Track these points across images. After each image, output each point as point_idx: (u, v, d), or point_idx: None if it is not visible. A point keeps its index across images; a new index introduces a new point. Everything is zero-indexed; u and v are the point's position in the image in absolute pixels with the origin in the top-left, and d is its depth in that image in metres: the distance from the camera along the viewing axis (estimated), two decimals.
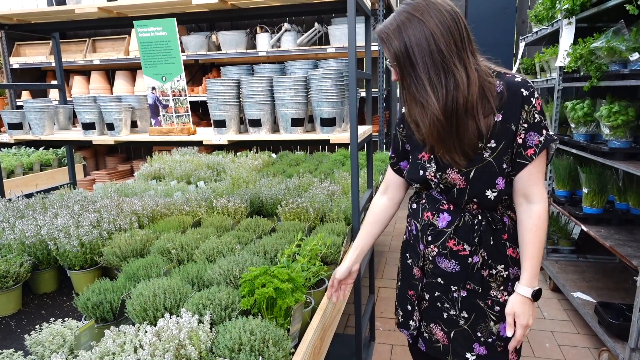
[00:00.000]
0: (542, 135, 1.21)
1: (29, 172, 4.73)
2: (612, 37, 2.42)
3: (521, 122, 1.20)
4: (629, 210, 2.77)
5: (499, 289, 1.32)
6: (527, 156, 1.21)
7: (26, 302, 1.91)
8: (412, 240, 1.44)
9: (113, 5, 2.16)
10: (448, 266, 1.33)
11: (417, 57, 1.15)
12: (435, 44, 1.14)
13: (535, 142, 1.21)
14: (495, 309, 1.32)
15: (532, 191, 1.24)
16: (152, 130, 2.21)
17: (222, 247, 1.84)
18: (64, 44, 6.12)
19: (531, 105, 1.20)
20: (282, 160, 4.18)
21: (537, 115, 1.21)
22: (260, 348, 1.19)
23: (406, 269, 1.49)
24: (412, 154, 1.40)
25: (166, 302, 1.42)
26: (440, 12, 1.15)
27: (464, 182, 1.26)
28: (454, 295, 1.34)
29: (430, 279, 1.39)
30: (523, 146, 1.21)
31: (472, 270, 1.31)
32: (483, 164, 1.23)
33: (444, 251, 1.32)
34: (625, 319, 2.30)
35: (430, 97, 1.16)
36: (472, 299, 1.33)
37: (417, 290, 1.43)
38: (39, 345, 1.32)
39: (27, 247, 1.98)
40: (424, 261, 1.39)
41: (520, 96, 1.20)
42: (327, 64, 2.25)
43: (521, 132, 1.21)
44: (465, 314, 1.34)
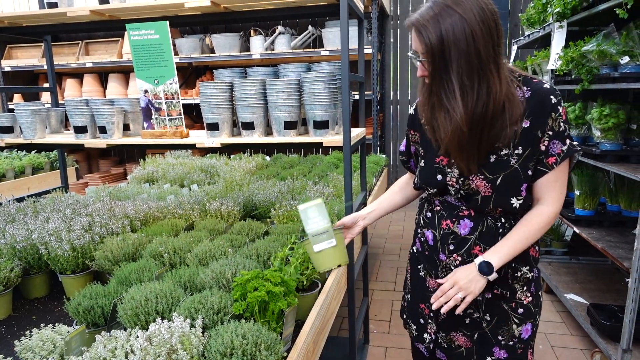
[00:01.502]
0: (565, 144, 1.17)
1: (21, 175, 4.69)
2: (602, 40, 2.44)
3: (547, 129, 1.15)
4: (621, 212, 2.79)
5: (523, 290, 1.29)
6: (547, 164, 1.18)
7: (17, 307, 1.89)
8: (428, 251, 1.37)
9: (105, 8, 2.15)
10: None
11: (452, 56, 1.06)
12: (474, 45, 1.05)
13: (557, 151, 1.17)
14: (519, 311, 1.29)
15: (547, 196, 1.21)
16: (144, 133, 2.20)
17: (214, 250, 1.83)
18: (57, 46, 6.09)
19: (558, 113, 1.16)
20: (276, 163, 4.18)
21: (563, 123, 1.16)
22: (252, 352, 1.18)
23: (418, 281, 1.42)
24: (426, 157, 1.32)
25: (158, 307, 1.41)
26: (483, 9, 1.06)
27: (490, 190, 1.20)
28: (478, 299, 1.29)
29: None
30: (545, 154, 1.17)
31: (499, 274, 1.25)
32: (510, 171, 1.18)
33: (469, 259, 1.26)
34: (617, 320, 2.31)
35: (457, 104, 1.09)
36: (496, 301, 1.29)
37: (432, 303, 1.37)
38: (29, 351, 1.30)
39: (18, 251, 1.97)
40: (445, 272, 1.32)
41: (549, 103, 1.15)
42: (320, 67, 2.26)
43: (545, 140, 1.16)
44: (488, 316, 1.30)
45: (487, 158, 1.18)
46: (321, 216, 1.30)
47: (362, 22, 2.29)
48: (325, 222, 1.31)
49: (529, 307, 1.29)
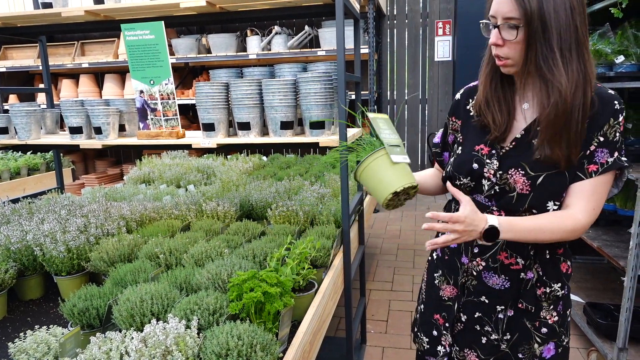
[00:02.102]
0: (613, 156, 1.08)
1: (16, 176, 4.67)
2: (598, 40, 2.45)
3: (599, 133, 1.07)
4: (616, 211, 2.79)
5: (549, 309, 1.20)
6: (586, 170, 1.09)
7: (11, 309, 1.88)
8: (449, 255, 1.29)
9: (100, 9, 2.15)
10: (497, 282, 1.19)
11: (552, 24, 1.00)
12: (572, 18, 1.00)
13: (602, 161, 1.08)
14: (542, 330, 1.20)
15: (580, 205, 1.09)
16: (140, 133, 2.19)
17: (211, 251, 1.83)
18: (53, 47, 6.06)
19: (617, 121, 1.08)
20: (273, 163, 4.18)
21: (618, 134, 1.08)
22: (248, 353, 1.18)
23: (433, 290, 1.35)
24: (465, 145, 1.23)
25: (153, 308, 1.41)
26: None
27: (529, 188, 1.11)
28: (498, 316, 1.21)
29: (471, 298, 1.24)
30: (588, 159, 1.09)
31: (525, 287, 1.17)
32: (555, 172, 1.09)
33: (494, 265, 1.18)
34: (614, 319, 2.32)
35: (561, 75, 1.01)
36: (519, 319, 1.20)
37: (449, 312, 1.29)
38: (23, 353, 1.29)
39: (13, 253, 1.96)
40: (467, 277, 1.24)
41: (612, 108, 1.08)
42: (316, 67, 2.25)
43: (593, 144, 1.08)
44: (508, 335, 1.21)
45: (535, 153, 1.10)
46: (390, 129, 1.16)
47: (359, 22, 2.28)
48: (395, 135, 1.17)
49: (553, 327, 1.20)
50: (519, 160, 1.13)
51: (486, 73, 1.18)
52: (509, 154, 1.15)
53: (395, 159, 1.12)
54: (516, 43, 1.06)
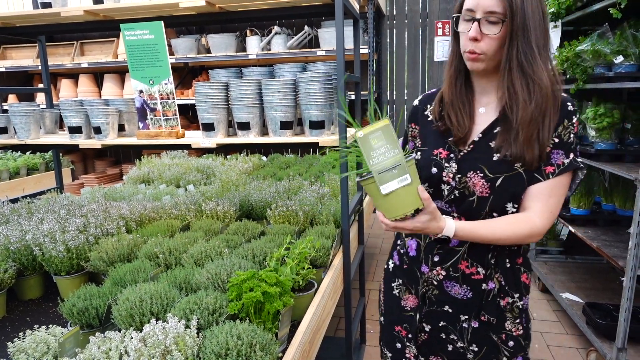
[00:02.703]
0: (569, 157, 1.09)
1: (16, 176, 4.66)
2: (597, 40, 2.45)
3: (555, 134, 1.08)
4: (615, 211, 2.80)
5: (514, 322, 1.18)
6: (544, 172, 1.09)
7: (11, 309, 1.88)
8: (408, 263, 1.26)
9: (99, 8, 2.15)
10: (459, 292, 1.17)
11: (531, 22, 1.02)
12: (544, 20, 1.04)
13: (558, 162, 1.09)
14: (509, 344, 1.18)
15: (535, 206, 1.10)
16: (139, 133, 2.19)
17: (210, 251, 1.83)
18: (52, 47, 6.06)
19: (571, 123, 1.09)
20: (273, 163, 4.18)
21: (573, 135, 1.09)
22: (247, 353, 1.18)
23: (392, 301, 1.31)
24: (424, 150, 1.22)
25: (153, 308, 1.40)
26: None
27: (488, 190, 1.10)
28: (463, 325, 1.19)
29: (434, 307, 1.22)
30: (545, 161, 1.09)
31: (487, 297, 1.16)
32: (513, 174, 1.09)
33: (455, 274, 1.16)
34: (613, 319, 2.32)
35: (542, 71, 1.03)
36: (484, 332, 1.18)
37: (411, 323, 1.26)
38: (22, 352, 1.29)
39: (12, 252, 1.95)
40: (427, 286, 1.21)
41: (566, 109, 1.09)
42: (315, 67, 2.25)
43: (550, 145, 1.09)
44: (475, 347, 1.19)
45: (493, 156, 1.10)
46: (389, 143, 0.96)
47: (358, 22, 2.29)
48: (394, 151, 0.97)
49: (519, 341, 1.20)
50: (477, 163, 1.12)
51: (451, 73, 1.18)
52: (467, 157, 1.14)
53: (386, 189, 0.97)
54: (494, 38, 1.05)
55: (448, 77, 1.19)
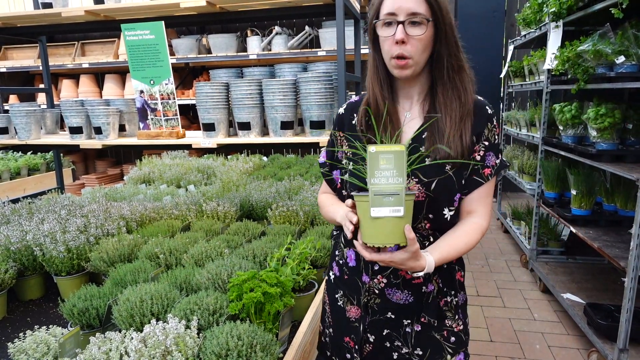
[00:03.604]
0: (499, 158, 1.15)
1: (17, 176, 4.67)
2: (598, 40, 2.44)
3: (482, 138, 1.12)
4: (617, 211, 2.79)
5: (454, 318, 1.20)
6: (483, 175, 1.13)
7: (11, 309, 1.88)
8: (348, 274, 1.24)
9: (100, 9, 2.15)
10: (400, 298, 1.17)
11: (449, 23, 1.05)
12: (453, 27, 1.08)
13: (492, 163, 1.13)
14: (451, 339, 1.19)
15: (479, 209, 1.15)
16: (140, 133, 2.19)
17: (211, 251, 1.83)
18: (53, 47, 6.06)
19: (493, 125, 1.13)
20: (273, 163, 4.18)
21: (497, 137, 1.14)
22: (248, 353, 1.17)
23: (338, 312, 1.28)
24: (355, 160, 1.17)
25: (153, 308, 1.40)
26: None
27: (424, 194, 1.10)
28: (406, 330, 1.19)
29: (377, 317, 1.20)
30: (480, 164, 1.13)
31: (427, 300, 1.16)
32: (444, 177, 1.10)
33: (396, 281, 1.15)
34: (614, 319, 2.32)
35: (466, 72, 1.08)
36: (427, 332, 1.18)
37: (356, 334, 1.23)
38: (22, 353, 1.29)
39: (13, 253, 1.95)
40: (369, 295, 1.19)
41: (485, 113, 1.13)
42: (316, 67, 2.25)
43: (481, 149, 1.12)
44: (419, 350, 1.19)
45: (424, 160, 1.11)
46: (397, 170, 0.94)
47: (359, 22, 2.28)
48: (399, 179, 0.95)
49: (460, 336, 1.20)
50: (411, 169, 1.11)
51: (374, 80, 1.15)
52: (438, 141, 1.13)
53: (375, 212, 0.94)
54: (420, 39, 1.04)
55: (371, 83, 1.17)
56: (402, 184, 0.94)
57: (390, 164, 0.94)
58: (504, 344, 2.65)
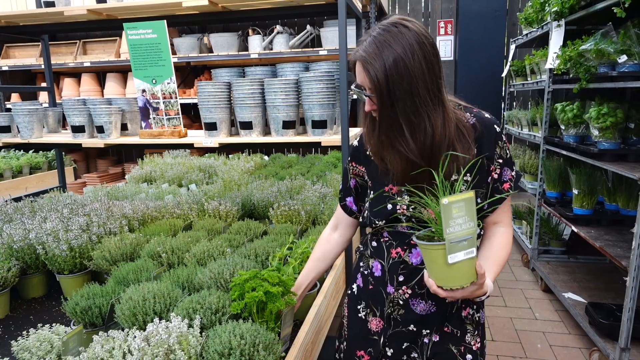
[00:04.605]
0: (514, 170, 1.21)
1: (19, 175, 4.68)
2: (600, 39, 2.44)
3: (496, 157, 1.17)
4: (619, 211, 2.79)
5: (474, 334, 1.21)
6: (504, 190, 1.19)
7: (14, 308, 1.88)
8: (373, 284, 1.25)
9: (102, 7, 2.15)
10: (424, 308, 1.18)
11: (397, 94, 1.04)
12: (417, 82, 1.03)
13: (509, 177, 1.20)
14: (467, 357, 1.20)
15: (504, 219, 1.23)
16: (142, 133, 2.19)
17: (213, 250, 1.83)
18: (54, 46, 6.07)
19: (503, 141, 1.18)
20: (275, 163, 4.18)
21: (508, 151, 1.20)
22: (251, 352, 1.18)
23: (357, 324, 1.29)
24: (375, 188, 1.24)
25: (156, 307, 1.41)
26: (422, 44, 1.04)
27: None
28: (424, 340, 1.20)
29: (399, 328, 1.21)
30: (499, 181, 1.19)
31: (451, 310, 1.19)
32: None
33: (420, 291, 1.17)
34: (616, 319, 2.32)
35: (408, 142, 1.07)
36: (444, 345, 1.19)
37: (375, 347, 1.25)
38: (26, 351, 1.30)
39: (15, 251, 1.96)
40: (393, 307, 1.21)
41: (494, 132, 1.17)
42: (318, 67, 2.25)
43: (497, 168, 1.18)
44: None
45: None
46: (468, 216, 0.99)
47: (361, 21, 2.29)
48: (471, 224, 1.00)
49: (477, 354, 1.21)
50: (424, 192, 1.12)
51: (367, 124, 1.19)
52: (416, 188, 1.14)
53: (452, 259, 0.99)
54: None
55: (365, 128, 1.21)
56: (474, 228, 0.99)
57: (462, 211, 0.99)
58: (506, 344, 2.65)
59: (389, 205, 1.19)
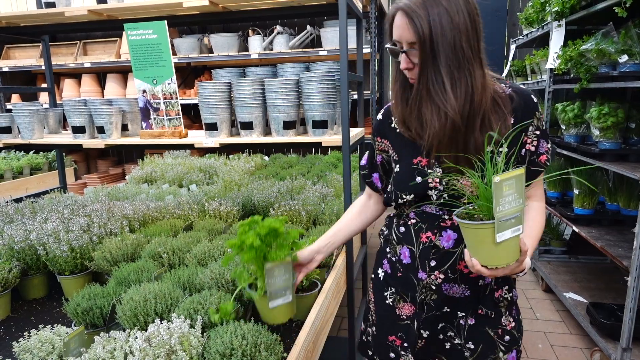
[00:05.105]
0: (549, 142, 1.18)
1: (19, 176, 4.68)
2: (601, 39, 2.44)
3: (533, 128, 1.14)
4: (620, 211, 2.79)
5: (507, 315, 1.20)
6: (541, 163, 1.15)
7: (15, 309, 1.88)
8: (402, 272, 1.23)
9: (103, 8, 2.15)
10: (457, 291, 1.17)
11: (440, 46, 1.02)
12: (460, 36, 1.02)
13: (545, 149, 1.16)
14: (505, 338, 1.19)
15: (537, 192, 1.21)
16: (143, 133, 2.19)
17: (214, 250, 1.83)
18: (55, 46, 6.07)
19: (540, 113, 1.15)
20: (275, 163, 4.18)
21: (543, 123, 1.17)
22: (252, 353, 1.18)
23: (385, 310, 1.28)
24: (401, 162, 1.21)
25: (157, 307, 1.41)
26: (467, 2, 1.04)
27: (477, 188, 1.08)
28: (460, 322, 1.20)
29: (432, 313, 1.20)
30: (536, 153, 1.15)
31: (485, 292, 1.17)
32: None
33: (453, 275, 1.15)
34: (617, 319, 2.32)
35: (449, 98, 1.04)
36: (480, 328, 1.18)
37: (408, 332, 1.24)
38: (27, 352, 1.30)
39: (16, 252, 1.96)
40: (425, 292, 1.19)
41: (532, 102, 1.14)
42: (318, 67, 2.25)
43: (533, 140, 1.14)
44: (471, 344, 1.19)
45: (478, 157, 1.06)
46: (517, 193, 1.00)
47: (361, 21, 2.29)
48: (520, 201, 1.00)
49: (513, 334, 1.21)
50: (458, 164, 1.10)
51: (396, 90, 1.17)
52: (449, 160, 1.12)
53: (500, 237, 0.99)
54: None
55: (394, 94, 1.19)
56: (522, 205, 0.98)
57: (512, 189, 0.97)
58: None
59: (418, 178, 1.16)
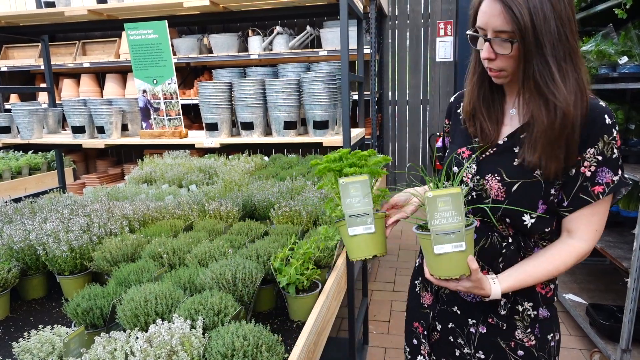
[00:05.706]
0: (617, 175, 1.03)
1: (18, 176, 4.66)
2: (601, 41, 2.45)
3: (596, 152, 1.02)
4: (619, 212, 2.79)
5: (526, 331, 1.14)
6: (592, 193, 1.03)
7: (14, 309, 1.88)
8: None
9: (103, 8, 2.14)
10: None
11: (545, 36, 0.95)
12: (562, 26, 0.96)
13: (606, 181, 1.03)
14: (519, 353, 1.14)
15: (581, 230, 1.07)
16: (143, 133, 2.19)
17: (214, 251, 1.83)
18: (54, 46, 6.06)
19: (611, 137, 1.02)
20: (275, 164, 4.17)
21: (617, 150, 1.03)
22: (254, 353, 1.17)
23: (413, 297, 1.35)
24: (451, 147, 1.23)
25: (158, 308, 1.40)
26: None
27: (503, 194, 1.07)
28: (470, 330, 1.18)
29: (444, 307, 1.23)
30: (590, 180, 1.03)
31: (498, 302, 1.14)
32: (531, 181, 1.05)
33: None
34: (616, 320, 2.32)
35: (560, 89, 0.96)
36: (492, 337, 1.15)
37: (427, 320, 1.27)
38: (27, 352, 1.29)
39: (15, 252, 1.95)
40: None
41: (602, 122, 1.01)
42: (319, 67, 2.25)
43: (592, 164, 1.03)
44: (481, 354, 1.17)
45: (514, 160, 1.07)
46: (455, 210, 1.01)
47: (362, 22, 2.29)
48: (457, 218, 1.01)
49: (531, 351, 1.14)
50: (496, 166, 1.10)
51: (473, 82, 1.14)
52: (488, 159, 1.12)
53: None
54: (509, 57, 1.02)
55: (470, 86, 1.15)
56: (462, 222, 1.00)
57: (449, 205, 1.00)
58: None
59: (455, 168, 1.17)
